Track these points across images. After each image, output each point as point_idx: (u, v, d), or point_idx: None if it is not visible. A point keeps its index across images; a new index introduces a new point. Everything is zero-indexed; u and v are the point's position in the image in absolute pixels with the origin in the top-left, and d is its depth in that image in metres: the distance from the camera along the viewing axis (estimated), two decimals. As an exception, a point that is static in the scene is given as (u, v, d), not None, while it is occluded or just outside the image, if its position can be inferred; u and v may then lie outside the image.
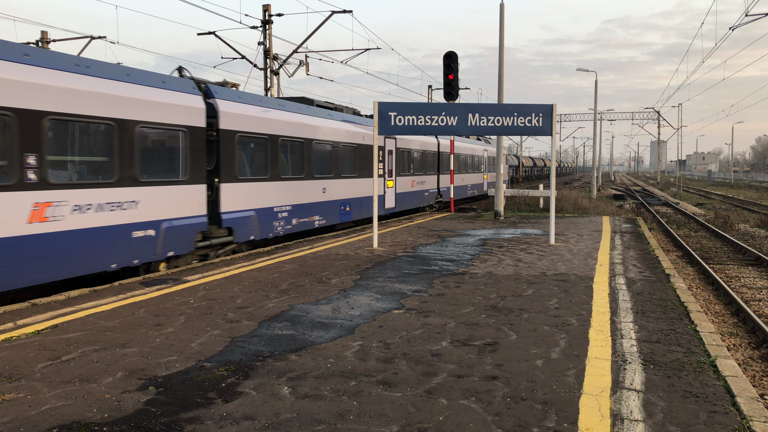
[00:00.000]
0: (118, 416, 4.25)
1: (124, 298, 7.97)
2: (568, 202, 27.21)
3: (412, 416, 4.26)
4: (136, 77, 9.89)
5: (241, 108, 12.46)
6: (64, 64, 8.61)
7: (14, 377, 5.02)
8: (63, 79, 8.48)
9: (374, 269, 10.16)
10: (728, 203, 39.78)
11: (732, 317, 10.31)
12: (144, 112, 9.83)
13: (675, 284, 8.96)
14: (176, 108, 10.54)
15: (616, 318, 6.98)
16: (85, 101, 8.76)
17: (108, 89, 9.13)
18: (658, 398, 4.59)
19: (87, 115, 8.78)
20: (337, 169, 16.44)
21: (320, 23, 21.96)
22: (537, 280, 9.26)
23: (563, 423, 4.15)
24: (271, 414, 4.30)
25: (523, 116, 12.87)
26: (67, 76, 8.55)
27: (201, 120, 11.12)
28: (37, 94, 8.06)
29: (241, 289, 8.51)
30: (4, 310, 7.29)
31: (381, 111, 12.79)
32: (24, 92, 7.87)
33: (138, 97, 9.72)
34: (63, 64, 8.59)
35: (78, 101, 8.65)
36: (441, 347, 5.85)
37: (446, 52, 18.50)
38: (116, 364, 5.36)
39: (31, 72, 8.03)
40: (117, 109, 9.31)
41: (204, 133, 11.21)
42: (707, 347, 5.87)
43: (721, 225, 23.57)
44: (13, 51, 7.91)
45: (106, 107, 9.10)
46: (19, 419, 4.20)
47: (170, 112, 10.41)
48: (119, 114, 9.34)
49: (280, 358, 5.51)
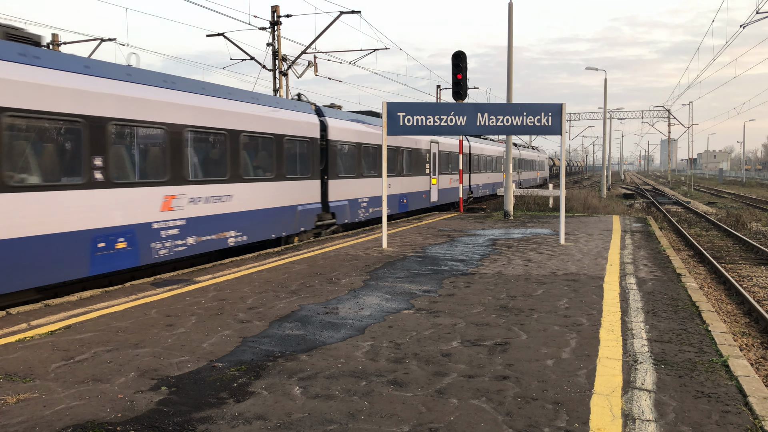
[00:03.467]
0: (132, 416, 4.29)
1: (136, 299, 8.03)
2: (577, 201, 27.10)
3: (423, 416, 4.27)
4: (282, 104, 14.12)
5: (340, 123, 16.49)
6: (254, 99, 12.89)
7: (29, 377, 5.07)
8: (252, 109, 12.59)
9: (384, 269, 10.17)
10: (740, 202, 39.47)
11: (744, 317, 10.24)
12: (288, 128, 13.88)
13: (686, 284, 8.91)
14: (304, 125, 14.61)
15: (626, 318, 6.95)
16: (261, 123, 12.88)
17: (273, 114, 13.33)
18: (669, 398, 4.58)
19: (264, 133, 13.00)
20: (398, 168, 20.49)
21: (329, 24, 22.00)
22: (547, 279, 9.24)
23: (574, 423, 4.15)
24: (282, 414, 4.33)
25: (532, 116, 12.83)
26: (251, 107, 12.62)
27: (317, 133, 15.17)
28: (240, 120, 12.21)
29: (252, 290, 8.55)
30: (18, 310, 7.36)
31: (390, 111, 12.80)
32: (236, 119, 12.14)
33: (283, 118, 13.77)
34: (252, 99, 12.84)
35: (260, 123, 12.85)
36: (451, 347, 5.85)
37: (455, 52, 18.49)
38: (129, 364, 5.40)
39: (239, 106, 12.22)
40: (277, 127, 13.44)
41: (318, 143, 15.21)
42: (719, 347, 5.84)
43: (733, 224, 23.38)
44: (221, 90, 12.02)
45: (272, 126, 13.25)
46: (34, 419, 4.25)
47: (301, 128, 14.47)
48: (278, 131, 13.46)
49: (291, 358, 5.53)
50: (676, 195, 47.46)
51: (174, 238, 10.41)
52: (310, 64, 23.55)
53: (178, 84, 10.76)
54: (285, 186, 13.72)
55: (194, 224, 10.88)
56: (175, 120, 10.44)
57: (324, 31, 22.18)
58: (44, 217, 8.02)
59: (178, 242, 10.52)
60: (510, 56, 19.76)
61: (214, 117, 11.43)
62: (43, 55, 8.21)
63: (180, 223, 10.53)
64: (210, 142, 11.44)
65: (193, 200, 10.86)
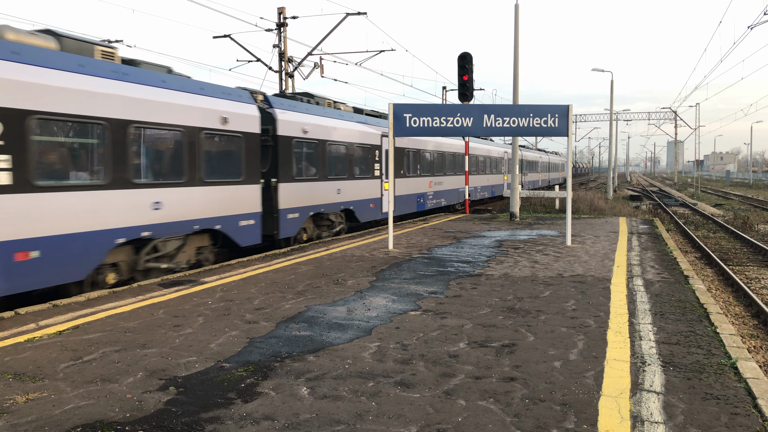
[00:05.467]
0: (140, 416, 4.30)
1: (143, 299, 8.06)
2: (584, 203, 27.01)
3: (430, 417, 4.26)
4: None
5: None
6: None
7: (38, 377, 5.10)
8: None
9: (390, 271, 10.17)
10: (747, 204, 39.27)
11: (752, 319, 10.19)
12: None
13: (694, 286, 8.88)
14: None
15: (634, 319, 6.93)
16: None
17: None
18: (678, 400, 4.56)
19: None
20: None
21: (335, 25, 22.04)
22: (554, 281, 9.22)
23: (583, 425, 4.14)
24: (290, 414, 4.33)
25: (539, 117, 12.81)
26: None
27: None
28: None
29: (258, 291, 8.56)
30: (27, 310, 7.40)
31: (396, 112, 12.80)
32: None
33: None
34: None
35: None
36: (458, 348, 5.85)
37: (461, 53, 18.47)
38: (137, 364, 5.42)
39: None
40: (353, 137, 16.11)
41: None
42: (728, 349, 5.81)
43: (740, 226, 23.27)
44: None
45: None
46: (43, 418, 4.27)
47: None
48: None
49: (298, 359, 5.54)
50: (683, 197, 47.26)
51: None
52: (316, 65, 23.59)
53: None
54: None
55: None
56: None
57: (330, 32, 22.21)
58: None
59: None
60: (516, 57, 19.74)
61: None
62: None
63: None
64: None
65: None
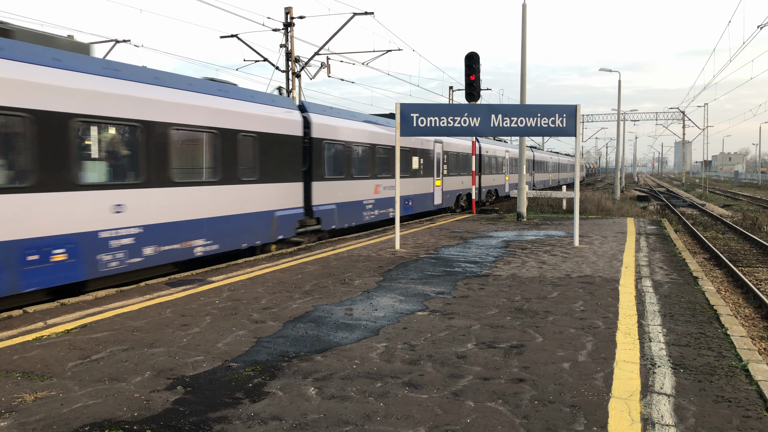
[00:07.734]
0: (148, 415, 4.29)
1: (150, 299, 8.07)
2: (591, 203, 26.90)
3: (439, 418, 4.24)
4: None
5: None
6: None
7: (46, 376, 5.10)
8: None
9: (397, 271, 10.15)
10: (756, 204, 39.00)
11: (762, 321, 10.10)
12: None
13: (703, 287, 8.81)
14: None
15: (643, 321, 6.88)
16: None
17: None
18: (689, 403, 4.52)
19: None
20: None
21: (342, 25, 22.02)
22: (562, 282, 9.17)
23: (592, 427, 4.10)
24: (298, 414, 4.32)
25: (546, 117, 12.76)
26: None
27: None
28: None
29: (266, 290, 8.56)
30: (35, 309, 7.42)
31: (403, 112, 12.78)
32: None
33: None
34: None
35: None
36: (466, 349, 5.82)
37: (468, 53, 18.41)
38: (144, 363, 5.42)
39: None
40: (373, 139, 17.14)
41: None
42: (739, 351, 5.76)
43: (749, 227, 23.10)
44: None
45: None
46: (51, 417, 4.27)
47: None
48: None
49: (306, 359, 5.53)
50: (691, 197, 47.01)
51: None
52: (323, 65, 23.59)
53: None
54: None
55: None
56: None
57: (337, 32, 22.20)
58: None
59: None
60: (523, 57, 19.67)
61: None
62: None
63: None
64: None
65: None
